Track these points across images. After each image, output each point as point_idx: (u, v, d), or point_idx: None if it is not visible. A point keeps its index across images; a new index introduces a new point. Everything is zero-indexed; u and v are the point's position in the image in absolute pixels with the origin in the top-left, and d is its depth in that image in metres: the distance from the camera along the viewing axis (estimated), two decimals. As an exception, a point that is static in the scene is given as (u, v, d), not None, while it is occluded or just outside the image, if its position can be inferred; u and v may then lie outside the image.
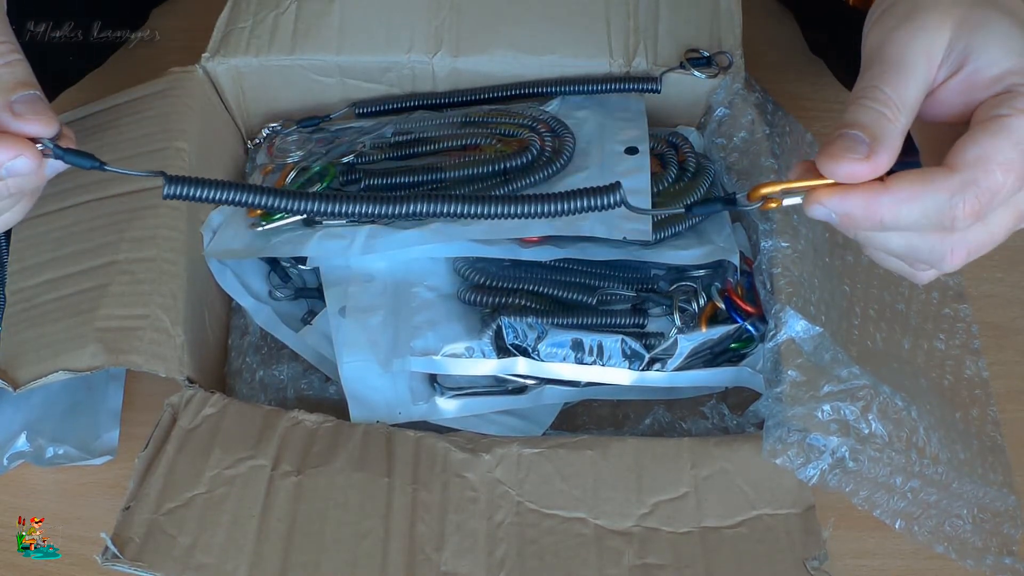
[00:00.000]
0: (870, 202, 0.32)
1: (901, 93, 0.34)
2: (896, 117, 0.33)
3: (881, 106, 0.33)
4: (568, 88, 0.57)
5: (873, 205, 0.32)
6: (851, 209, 0.33)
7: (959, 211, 0.32)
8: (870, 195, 0.32)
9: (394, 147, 0.56)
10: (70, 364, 0.45)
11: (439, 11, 0.58)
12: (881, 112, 0.33)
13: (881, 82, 0.34)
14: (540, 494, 0.44)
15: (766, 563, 0.42)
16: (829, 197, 0.33)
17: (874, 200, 0.32)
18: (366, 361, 0.51)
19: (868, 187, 0.32)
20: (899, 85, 0.34)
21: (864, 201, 0.32)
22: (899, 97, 0.34)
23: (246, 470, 0.44)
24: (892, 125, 0.33)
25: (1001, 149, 0.32)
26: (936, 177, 0.32)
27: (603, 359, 0.50)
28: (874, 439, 0.42)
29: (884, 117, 0.33)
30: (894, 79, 0.34)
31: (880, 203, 0.32)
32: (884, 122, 0.33)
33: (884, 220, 0.32)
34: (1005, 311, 0.58)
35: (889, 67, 0.34)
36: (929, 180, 0.32)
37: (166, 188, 0.37)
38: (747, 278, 0.51)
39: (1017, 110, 0.32)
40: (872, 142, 0.33)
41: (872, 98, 0.34)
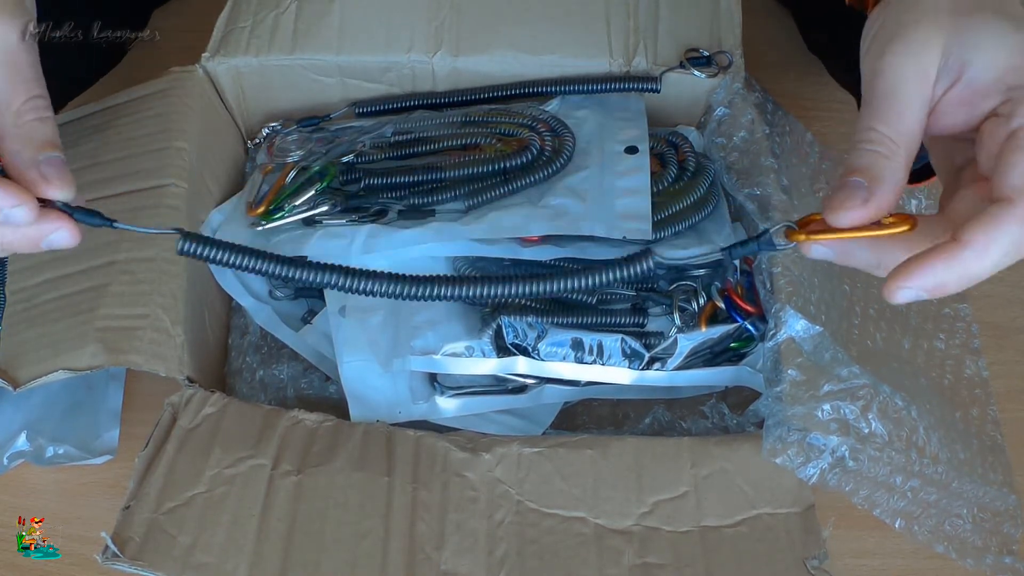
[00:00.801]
0: (959, 266, 0.31)
1: (896, 127, 0.34)
2: (894, 152, 0.34)
3: (876, 146, 0.34)
4: (568, 88, 0.57)
5: (961, 266, 0.31)
6: (942, 279, 0.32)
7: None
8: (950, 257, 0.31)
9: (394, 147, 0.56)
10: (70, 363, 0.45)
11: (439, 11, 0.58)
12: (876, 152, 0.34)
13: (874, 121, 0.34)
14: (540, 493, 0.44)
15: (766, 562, 0.42)
16: (909, 277, 0.32)
17: (958, 260, 0.31)
18: (366, 361, 0.51)
19: (944, 251, 0.31)
20: (892, 119, 0.34)
21: (950, 266, 0.31)
22: (894, 132, 0.34)
23: (246, 469, 0.44)
24: (889, 162, 0.33)
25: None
26: (1001, 214, 0.31)
27: (603, 358, 0.50)
28: (874, 438, 0.42)
29: (880, 156, 0.34)
30: (886, 114, 0.34)
31: (966, 261, 0.31)
32: (881, 161, 0.33)
33: (975, 275, 0.32)
34: (1005, 311, 0.58)
35: (881, 102, 0.34)
36: (997, 219, 0.31)
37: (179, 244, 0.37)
38: (747, 277, 0.51)
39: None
40: (871, 184, 0.33)
41: (867, 140, 0.34)
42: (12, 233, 0.36)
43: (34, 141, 0.36)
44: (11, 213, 0.35)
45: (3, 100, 0.36)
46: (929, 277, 0.31)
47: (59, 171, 0.36)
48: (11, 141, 0.36)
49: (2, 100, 0.36)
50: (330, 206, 0.54)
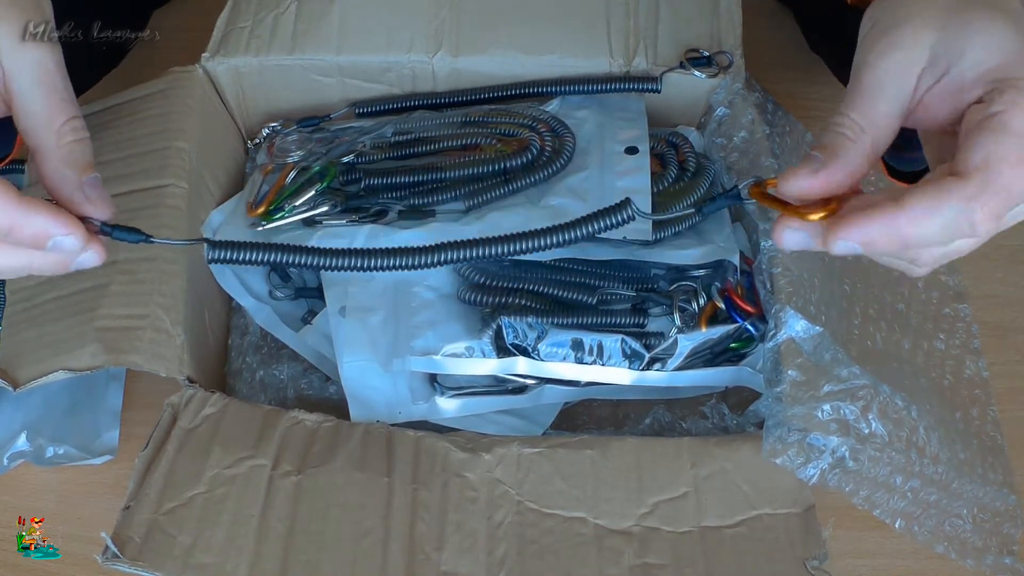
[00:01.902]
0: (889, 225, 0.32)
1: (866, 114, 0.35)
2: (857, 136, 0.35)
3: (843, 128, 0.35)
4: (568, 88, 0.57)
5: (892, 227, 0.32)
6: (873, 236, 0.33)
7: (977, 216, 0.32)
8: (887, 218, 0.32)
9: (394, 147, 0.56)
10: (70, 364, 0.45)
11: (439, 11, 0.58)
12: (841, 133, 0.35)
13: (848, 108, 0.35)
14: (540, 494, 0.44)
15: (766, 563, 0.42)
16: (847, 230, 0.33)
17: (892, 222, 0.32)
18: (366, 361, 0.51)
19: (883, 211, 0.32)
20: (865, 108, 0.35)
21: (883, 226, 0.32)
22: (863, 118, 0.35)
23: (246, 470, 0.44)
24: (851, 144, 0.34)
25: (1005, 147, 0.32)
26: (949, 186, 0.32)
27: (603, 359, 0.50)
28: (874, 439, 0.42)
29: (843, 137, 0.35)
30: (860, 103, 0.35)
31: (899, 224, 0.32)
32: (843, 141, 0.35)
33: (907, 240, 0.33)
34: (1005, 311, 0.58)
35: (859, 92, 0.35)
36: (943, 191, 0.32)
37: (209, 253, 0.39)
38: (747, 278, 0.51)
39: (1011, 104, 0.32)
40: (826, 159, 0.34)
41: (836, 123, 0.35)
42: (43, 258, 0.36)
43: (77, 163, 0.37)
44: (62, 241, 0.35)
45: (45, 122, 0.37)
46: (862, 233, 0.33)
47: (100, 193, 0.37)
48: (55, 162, 0.37)
49: (44, 122, 0.37)
50: (330, 206, 0.54)
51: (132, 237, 0.38)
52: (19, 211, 0.34)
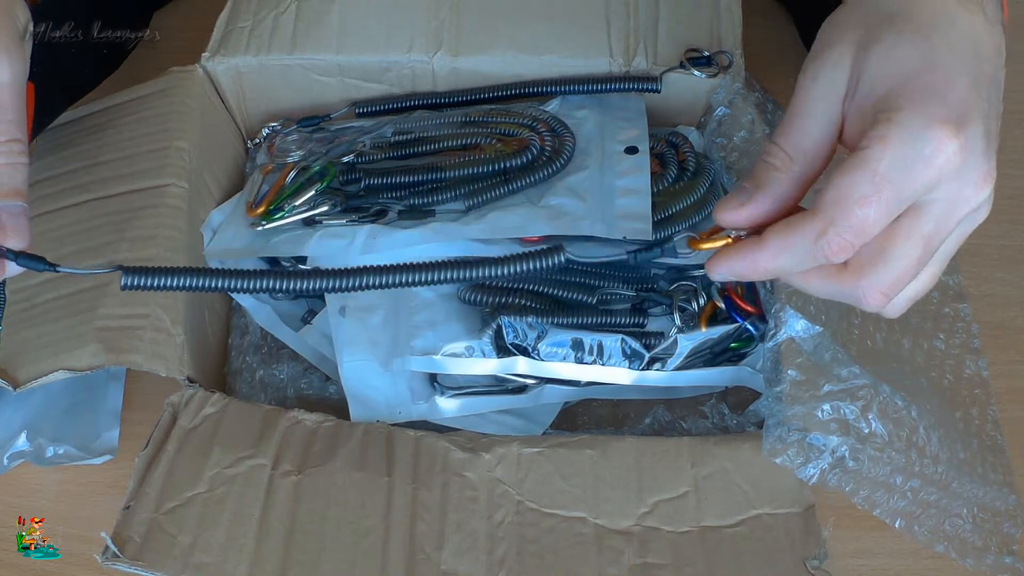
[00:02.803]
0: (751, 260, 0.34)
1: (794, 143, 0.35)
2: (786, 166, 0.35)
3: (771, 158, 0.35)
4: (568, 88, 0.57)
5: (755, 262, 0.34)
6: (740, 269, 0.35)
7: (826, 251, 0.33)
8: (749, 253, 0.35)
9: (394, 147, 0.56)
10: (70, 363, 0.45)
11: (439, 11, 0.58)
12: (769, 163, 0.35)
13: (776, 136, 0.36)
14: (540, 493, 0.44)
15: (766, 562, 0.42)
16: (719, 264, 0.36)
17: (753, 258, 0.34)
18: (366, 360, 0.51)
19: (748, 246, 0.35)
20: (793, 136, 0.35)
21: (747, 260, 0.35)
22: (791, 147, 0.35)
23: (246, 469, 0.44)
24: (778, 174, 0.35)
25: (855, 184, 0.32)
26: (799, 224, 0.33)
27: (603, 358, 0.50)
28: (874, 438, 0.42)
29: (771, 167, 0.35)
30: (789, 131, 0.35)
31: (759, 259, 0.34)
32: (770, 171, 0.35)
33: (769, 271, 0.34)
34: (1005, 311, 0.58)
35: (788, 120, 0.36)
36: (793, 228, 0.33)
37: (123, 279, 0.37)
38: (747, 278, 0.51)
39: (873, 140, 0.32)
40: (753, 191, 0.35)
41: (766, 152, 0.36)
42: None
43: (1, 186, 0.37)
44: None
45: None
46: (733, 266, 0.35)
47: (17, 221, 0.37)
48: None
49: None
50: (330, 206, 0.54)
51: (37, 266, 0.38)
52: None
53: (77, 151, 0.54)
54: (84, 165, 0.53)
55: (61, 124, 0.56)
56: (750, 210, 0.35)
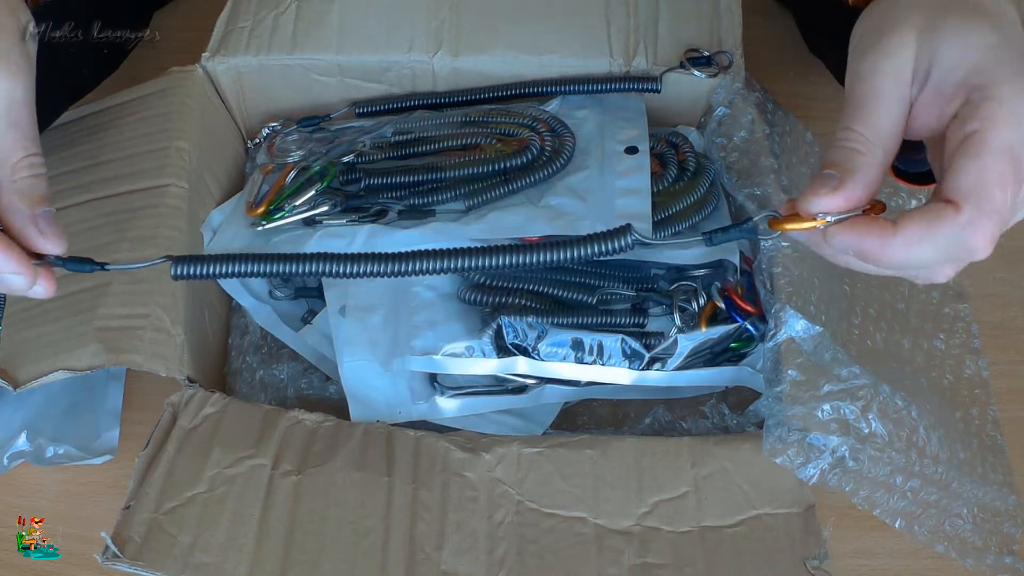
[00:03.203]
0: (883, 242, 0.33)
1: (872, 127, 0.35)
2: (869, 150, 0.34)
3: (852, 143, 0.35)
4: (568, 88, 0.57)
5: (887, 247, 0.33)
6: (868, 247, 0.33)
7: (975, 242, 0.32)
8: (883, 237, 0.33)
9: (394, 147, 0.56)
10: (70, 363, 0.45)
11: (439, 11, 0.58)
12: (852, 149, 0.35)
13: (852, 122, 0.35)
14: (540, 493, 0.44)
15: (766, 562, 0.42)
16: (848, 232, 0.34)
17: (887, 243, 0.33)
18: (366, 360, 0.51)
19: (881, 228, 0.33)
20: (869, 120, 0.35)
21: (878, 241, 0.33)
22: (870, 132, 0.35)
23: (246, 469, 0.44)
24: (864, 158, 0.34)
25: (989, 168, 0.32)
26: (943, 215, 0.32)
27: (603, 358, 0.50)
28: (874, 438, 0.42)
29: (856, 152, 0.35)
30: (864, 115, 0.35)
31: (893, 245, 0.33)
32: (856, 157, 0.34)
33: (897, 261, 0.33)
34: (1005, 311, 0.58)
35: (859, 104, 0.35)
36: (936, 220, 0.32)
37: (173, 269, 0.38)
38: (747, 278, 0.51)
39: (985, 120, 0.32)
40: (842, 176, 0.34)
41: (844, 138, 0.35)
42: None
43: (31, 196, 0.38)
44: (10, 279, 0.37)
45: (3, 156, 0.38)
46: (861, 240, 0.34)
47: (53, 226, 0.38)
48: (8, 195, 0.37)
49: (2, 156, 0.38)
50: (330, 206, 0.54)
51: (86, 267, 0.39)
52: None
53: (77, 151, 0.54)
54: (85, 165, 0.53)
55: (62, 124, 0.56)
56: (845, 195, 0.34)
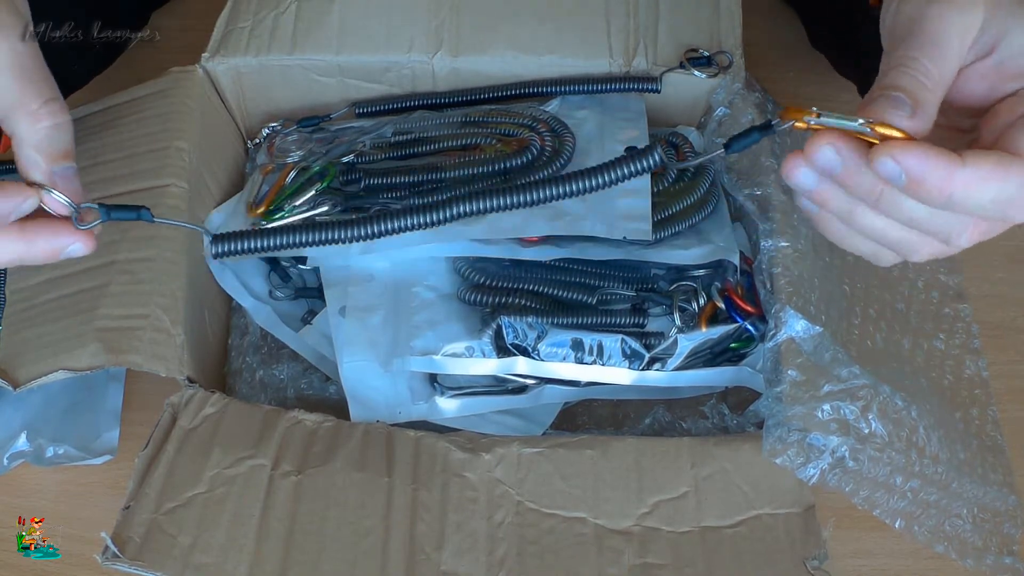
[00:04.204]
0: (948, 170, 0.30)
1: (939, 67, 0.33)
2: (935, 88, 0.33)
3: (922, 76, 0.32)
4: (568, 88, 0.57)
5: (949, 175, 0.30)
6: (928, 172, 0.30)
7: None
8: (950, 163, 0.30)
9: (394, 147, 0.56)
10: (70, 363, 0.45)
11: (439, 11, 0.58)
12: (922, 81, 0.32)
13: (920, 54, 0.33)
14: (540, 494, 0.44)
15: (766, 563, 0.42)
16: (905, 152, 0.30)
17: (952, 170, 0.30)
18: (366, 361, 0.51)
19: (946, 155, 0.30)
20: (937, 59, 0.33)
21: (944, 167, 0.30)
22: (937, 71, 0.33)
23: (246, 470, 0.44)
24: (931, 95, 0.32)
25: None
26: (1015, 161, 0.30)
27: (603, 359, 0.50)
28: (874, 438, 0.42)
29: (924, 87, 0.32)
30: (932, 52, 0.33)
31: (957, 175, 0.30)
32: (924, 91, 0.32)
33: (954, 195, 0.30)
34: (1005, 311, 0.58)
35: (927, 41, 0.33)
36: (1009, 165, 0.30)
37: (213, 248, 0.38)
38: (747, 278, 0.51)
39: None
40: (915, 105, 0.32)
41: (913, 68, 0.33)
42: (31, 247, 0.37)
43: (50, 150, 0.37)
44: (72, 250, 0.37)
45: (16, 104, 0.36)
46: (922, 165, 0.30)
47: (70, 185, 0.37)
48: (27, 148, 0.37)
49: (15, 104, 0.36)
50: (330, 206, 0.54)
51: (131, 214, 0.38)
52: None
53: (77, 151, 0.53)
54: (84, 165, 0.53)
55: (61, 124, 0.56)
56: (918, 123, 0.32)
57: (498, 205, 0.41)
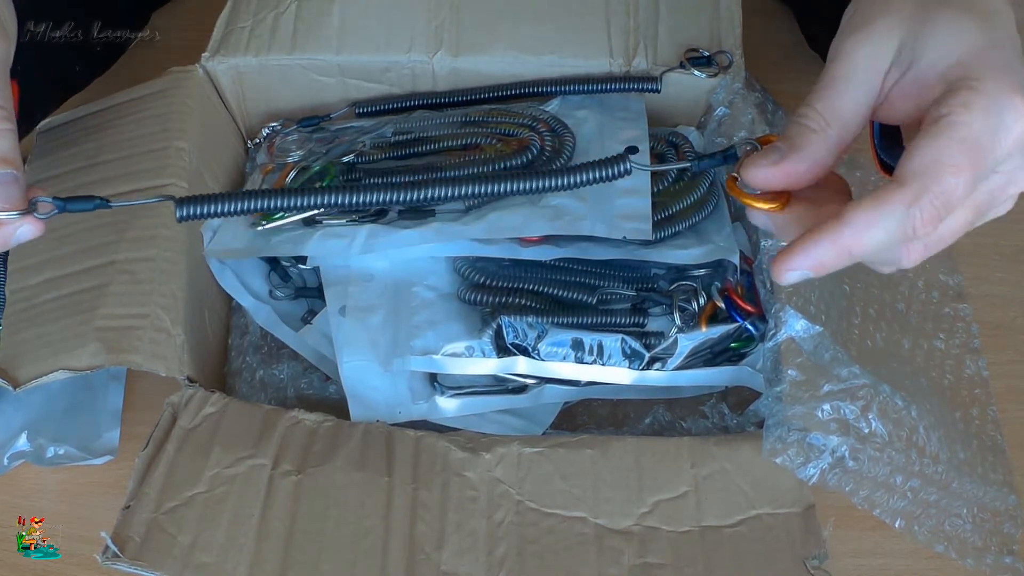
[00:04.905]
0: (834, 242, 0.32)
1: (832, 108, 0.35)
2: (822, 129, 0.34)
3: (807, 120, 0.35)
4: (568, 88, 0.57)
5: (838, 244, 0.32)
6: (821, 258, 0.33)
7: (917, 222, 0.32)
8: (831, 236, 0.32)
9: (394, 147, 0.56)
10: (70, 363, 0.45)
11: (439, 11, 0.58)
12: (805, 126, 0.35)
13: (814, 99, 0.35)
14: (540, 493, 0.44)
15: (766, 562, 0.42)
16: (794, 259, 0.33)
17: (838, 238, 0.32)
18: (366, 360, 0.51)
19: (827, 230, 0.32)
20: (831, 100, 0.35)
21: (829, 244, 0.32)
22: (828, 111, 0.35)
23: (246, 469, 0.44)
24: (814, 136, 0.34)
25: (946, 152, 0.31)
26: (888, 195, 0.32)
27: (603, 358, 0.50)
28: (874, 438, 0.42)
29: (808, 130, 0.34)
30: (827, 95, 0.35)
31: (843, 238, 0.32)
32: (806, 134, 0.34)
33: (853, 253, 0.33)
34: (1005, 311, 0.58)
35: (827, 84, 0.35)
36: (882, 200, 0.32)
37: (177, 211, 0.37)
38: (747, 277, 0.51)
39: (956, 107, 0.32)
40: (787, 151, 0.34)
41: (801, 115, 0.35)
42: None
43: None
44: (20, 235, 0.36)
45: None
46: (810, 258, 0.33)
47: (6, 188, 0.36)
48: None
49: None
50: (330, 206, 0.54)
51: (88, 205, 0.37)
52: None
53: (77, 151, 0.54)
54: (84, 165, 0.53)
55: (61, 124, 0.56)
56: (787, 168, 0.34)
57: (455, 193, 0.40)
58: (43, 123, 0.57)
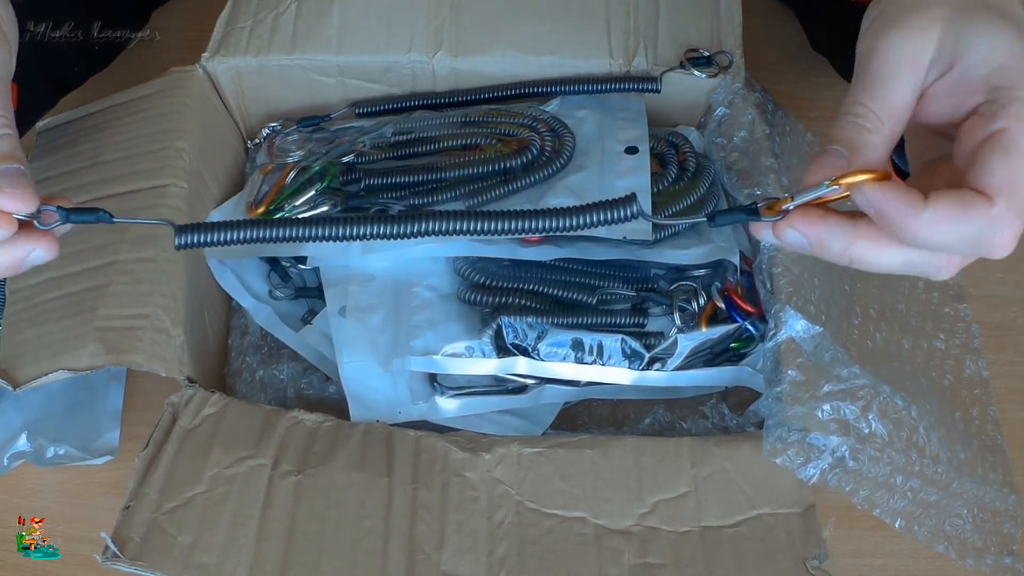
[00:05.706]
0: (909, 211, 0.31)
1: (884, 104, 0.34)
2: (877, 128, 0.34)
3: (861, 120, 0.34)
4: (568, 88, 0.57)
5: (911, 216, 0.31)
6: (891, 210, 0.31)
7: (1002, 239, 0.31)
8: (912, 203, 0.31)
9: (394, 147, 0.56)
10: (70, 363, 0.45)
11: (439, 11, 0.58)
12: (861, 125, 0.34)
13: (863, 97, 0.34)
14: (540, 494, 0.44)
15: (766, 562, 0.42)
16: (873, 189, 0.31)
17: (914, 211, 0.31)
18: (366, 361, 0.51)
19: (912, 197, 0.31)
20: (881, 97, 0.34)
21: (905, 207, 0.31)
22: (881, 109, 0.34)
23: (246, 469, 0.44)
24: (872, 136, 0.34)
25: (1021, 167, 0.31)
26: (975, 204, 0.31)
27: (603, 359, 0.50)
28: (874, 438, 0.42)
29: (864, 130, 0.34)
30: (877, 91, 0.34)
31: (919, 217, 0.31)
32: (864, 135, 0.34)
33: (917, 235, 0.31)
34: (1005, 311, 0.58)
35: (873, 79, 0.34)
36: (969, 206, 0.31)
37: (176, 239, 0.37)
38: (747, 278, 0.51)
39: (1013, 120, 0.32)
40: (850, 154, 0.33)
41: (853, 113, 0.34)
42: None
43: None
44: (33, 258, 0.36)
45: None
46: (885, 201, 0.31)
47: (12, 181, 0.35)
48: None
49: None
50: (330, 206, 0.54)
51: (91, 217, 0.37)
52: None
53: (77, 151, 0.54)
54: (84, 165, 0.53)
55: (61, 124, 0.56)
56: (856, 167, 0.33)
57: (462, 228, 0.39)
58: (43, 123, 0.57)
